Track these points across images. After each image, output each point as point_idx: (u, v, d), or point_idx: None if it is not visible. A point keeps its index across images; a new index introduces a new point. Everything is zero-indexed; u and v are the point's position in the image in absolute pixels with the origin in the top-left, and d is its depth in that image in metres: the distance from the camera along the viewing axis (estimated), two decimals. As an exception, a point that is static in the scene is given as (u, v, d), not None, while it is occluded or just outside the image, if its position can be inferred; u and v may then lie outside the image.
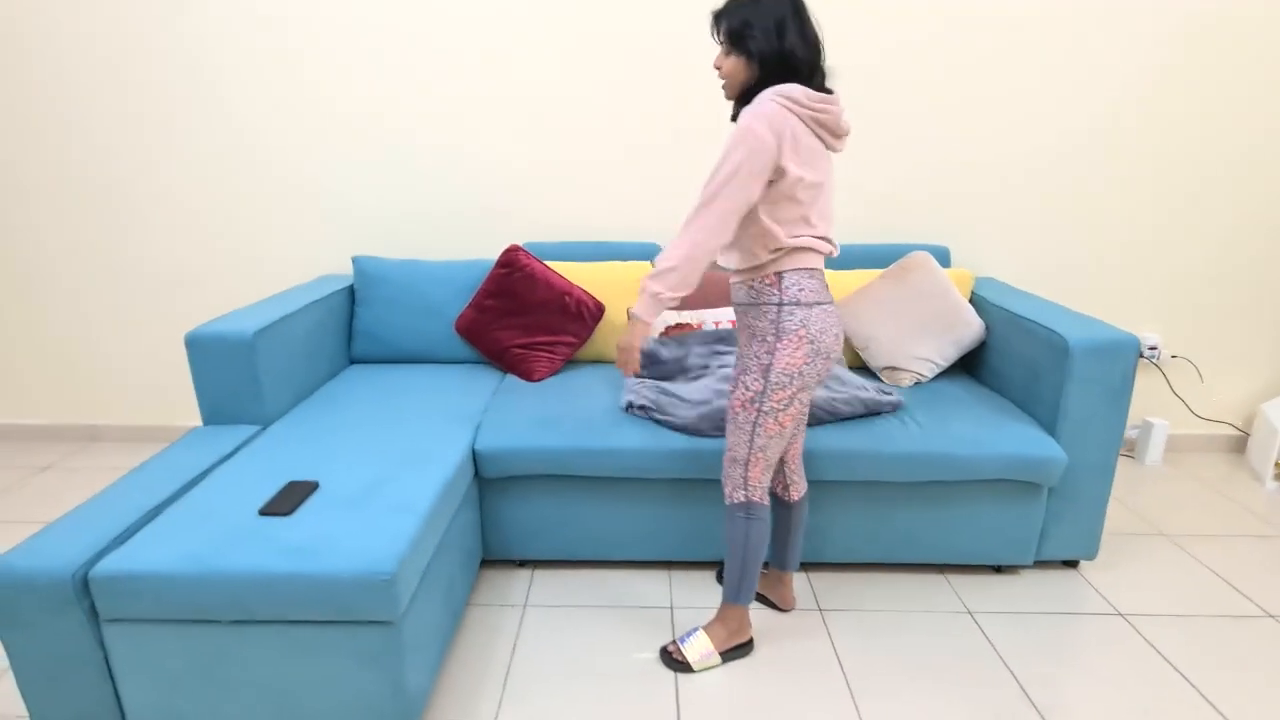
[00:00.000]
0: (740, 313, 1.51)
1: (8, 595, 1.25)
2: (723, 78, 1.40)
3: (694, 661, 1.61)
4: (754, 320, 1.46)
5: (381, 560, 1.26)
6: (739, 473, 1.52)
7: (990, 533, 1.90)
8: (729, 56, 1.37)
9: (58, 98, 2.45)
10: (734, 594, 1.61)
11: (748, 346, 1.48)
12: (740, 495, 1.53)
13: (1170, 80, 2.39)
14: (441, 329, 2.33)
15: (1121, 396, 1.81)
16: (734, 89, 1.40)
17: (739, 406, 1.48)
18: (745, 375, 1.47)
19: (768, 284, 1.43)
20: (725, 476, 1.55)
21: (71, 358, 2.73)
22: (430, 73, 2.42)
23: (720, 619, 1.64)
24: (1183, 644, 1.72)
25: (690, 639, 1.64)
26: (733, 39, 1.35)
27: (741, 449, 1.50)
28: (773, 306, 1.42)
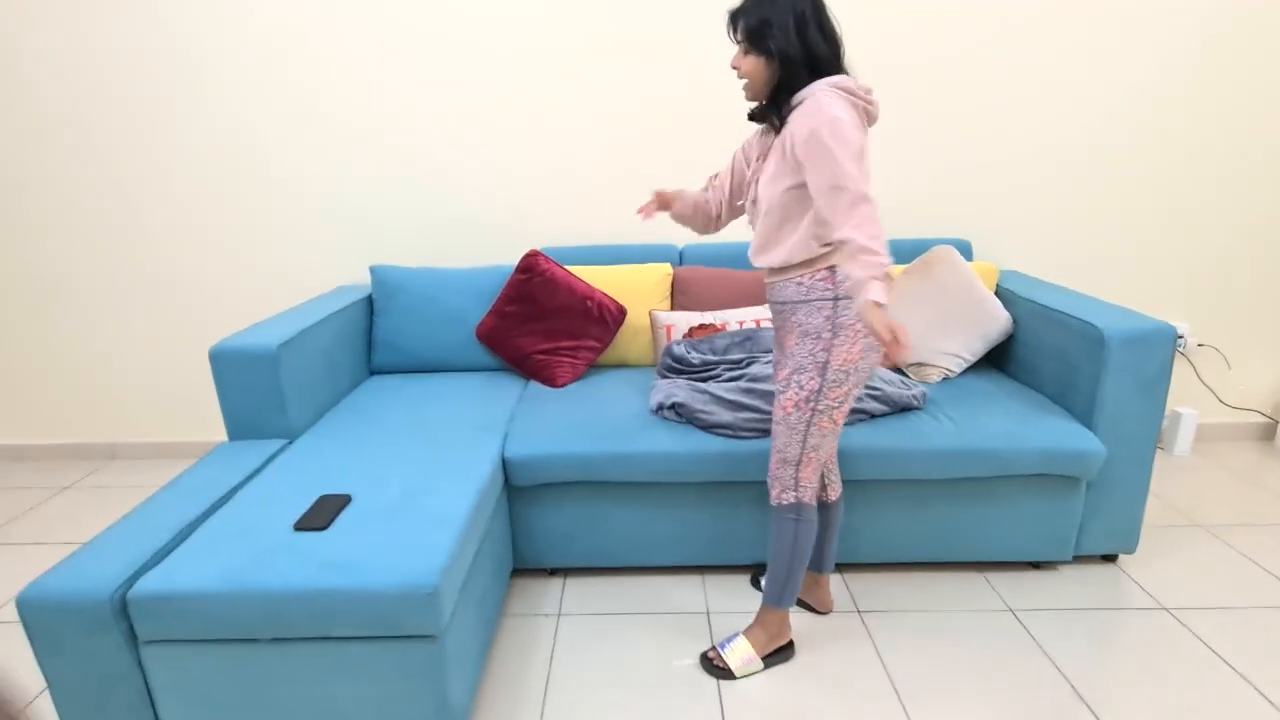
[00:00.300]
0: (784, 311, 1.47)
1: (45, 619, 1.23)
2: (742, 77, 1.38)
3: (736, 668, 1.58)
4: (805, 318, 1.42)
5: (424, 573, 1.24)
6: (790, 474, 1.49)
7: (1028, 528, 1.87)
8: (748, 56, 1.35)
9: (74, 113, 2.44)
10: (777, 598, 1.58)
11: (799, 345, 1.44)
12: (790, 497, 1.50)
13: (1191, 72, 2.37)
14: (461, 336, 2.31)
15: (1158, 386, 1.78)
16: (755, 89, 1.38)
17: (791, 406, 1.45)
18: (799, 374, 1.43)
19: (820, 279, 1.40)
20: (773, 478, 1.52)
21: (89, 376, 2.71)
22: (445, 79, 2.40)
23: (761, 623, 1.62)
24: (1231, 637, 1.69)
25: (731, 644, 1.61)
26: (751, 38, 1.33)
27: (794, 449, 1.47)
28: (827, 302, 1.39)
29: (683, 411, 1.85)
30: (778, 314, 1.51)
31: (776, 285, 1.47)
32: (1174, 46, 2.35)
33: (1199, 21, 2.32)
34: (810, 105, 1.30)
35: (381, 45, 2.37)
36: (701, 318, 2.21)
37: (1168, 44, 2.34)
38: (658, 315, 2.26)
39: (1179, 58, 2.36)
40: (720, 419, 1.81)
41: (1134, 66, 2.37)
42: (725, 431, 1.81)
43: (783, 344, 1.51)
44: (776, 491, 1.52)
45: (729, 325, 2.18)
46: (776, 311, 1.51)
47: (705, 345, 2.09)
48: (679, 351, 2.07)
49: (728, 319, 2.19)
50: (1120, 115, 2.42)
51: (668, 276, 2.32)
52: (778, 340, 1.56)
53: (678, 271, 2.34)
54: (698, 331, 2.19)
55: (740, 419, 1.80)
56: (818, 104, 1.29)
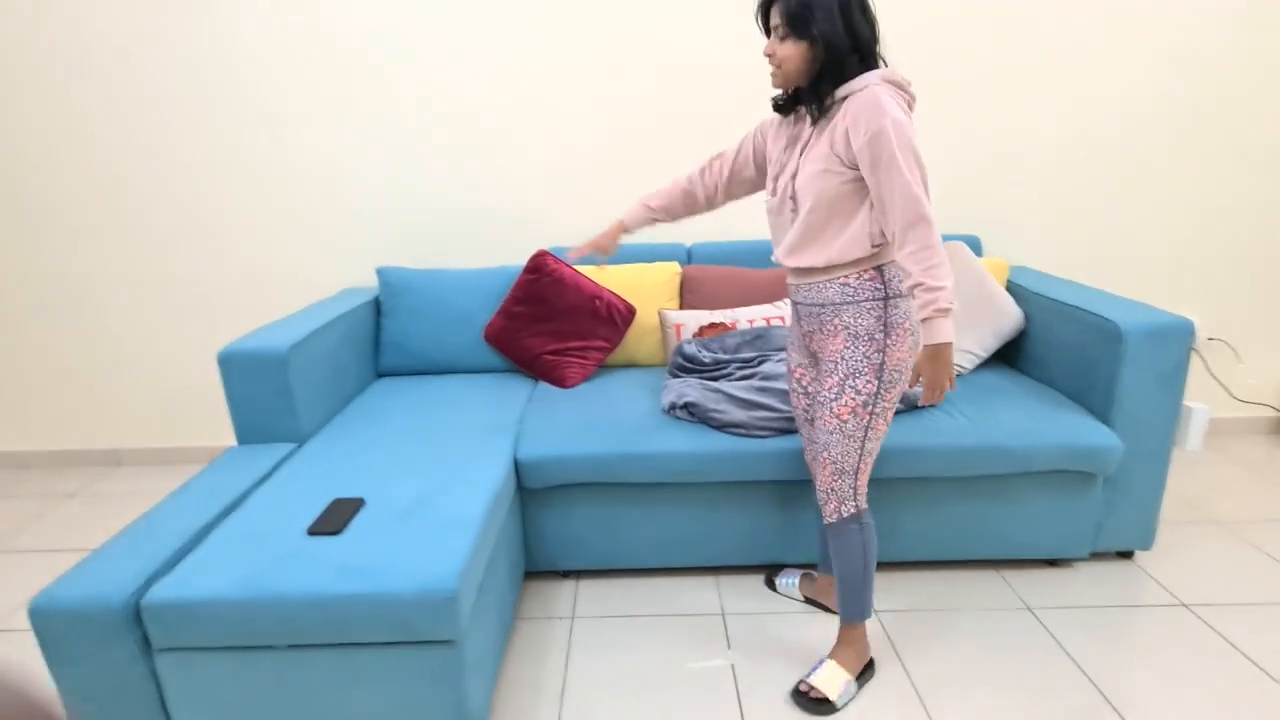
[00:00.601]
0: (822, 314, 1.39)
1: (57, 627, 1.21)
2: (775, 65, 1.31)
3: (836, 697, 1.47)
4: (853, 320, 1.36)
5: (442, 577, 1.22)
6: (848, 484, 1.43)
7: (1044, 525, 1.86)
8: (785, 41, 1.28)
9: (81, 115, 2.42)
10: (858, 612, 1.51)
11: (849, 348, 1.36)
12: (850, 507, 1.45)
13: (1200, 68, 2.35)
14: (469, 338, 2.29)
15: (1175, 381, 1.77)
16: (789, 77, 1.31)
17: (847, 414, 1.38)
18: (854, 379, 1.36)
19: (868, 279, 1.34)
20: (828, 494, 1.45)
21: (93, 381, 2.69)
22: (451, 80, 2.38)
23: (846, 642, 1.54)
24: (1253, 634, 1.67)
25: (821, 673, 1.51)
26: (792, 22, 1.25)
27: (851, 458, 1.41)
28: (877, 302, 1.34)
29: (695, 411, 1.84)
30: (812, 316, 1.42)
31: (815, 286, 1.39)
32: (1183, 43, 2.34)
33: (1209, 18, 2.31)
34: (869, 101, 1.23)
35: (391, 47, 2.35)
36: (711, 316, 2.19)
37: (1177, 40, 2.33)
38: (667, 314, 2.24)
39: (1188, 54, 2.35)
40: (734, 418, 1.79)
41: (1143, 63, 2.36)
42: (739, 431, 1.79)
43: (820, 348, 1.43)
44: (834, 506, 1.45)
45: (739, 323, 2.17)
46: (811, 314, 1.42)
47: (716, 344, 2.07)
48: (690, 350, 2.05)
49: (738, 317, 2.18)
50: (1129, 111, 2.40)
51: (676, 275, 2.31)
52: (806, 344, 1.49)
53: (686, 270, 2.32)
54: (708, 330, 2.17)
55: (754, 417, 1.78)
56: (878, 102, 1.23)
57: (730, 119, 2.37)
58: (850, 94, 1.27)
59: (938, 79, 2.37)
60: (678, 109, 2.40)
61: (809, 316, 1.43)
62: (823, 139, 1.31)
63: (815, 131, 1.34)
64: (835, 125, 1.29)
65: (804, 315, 1.44)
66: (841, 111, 1.28)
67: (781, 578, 1.86)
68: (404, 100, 2.40)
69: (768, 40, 1.33)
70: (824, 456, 1.43)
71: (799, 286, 1.43)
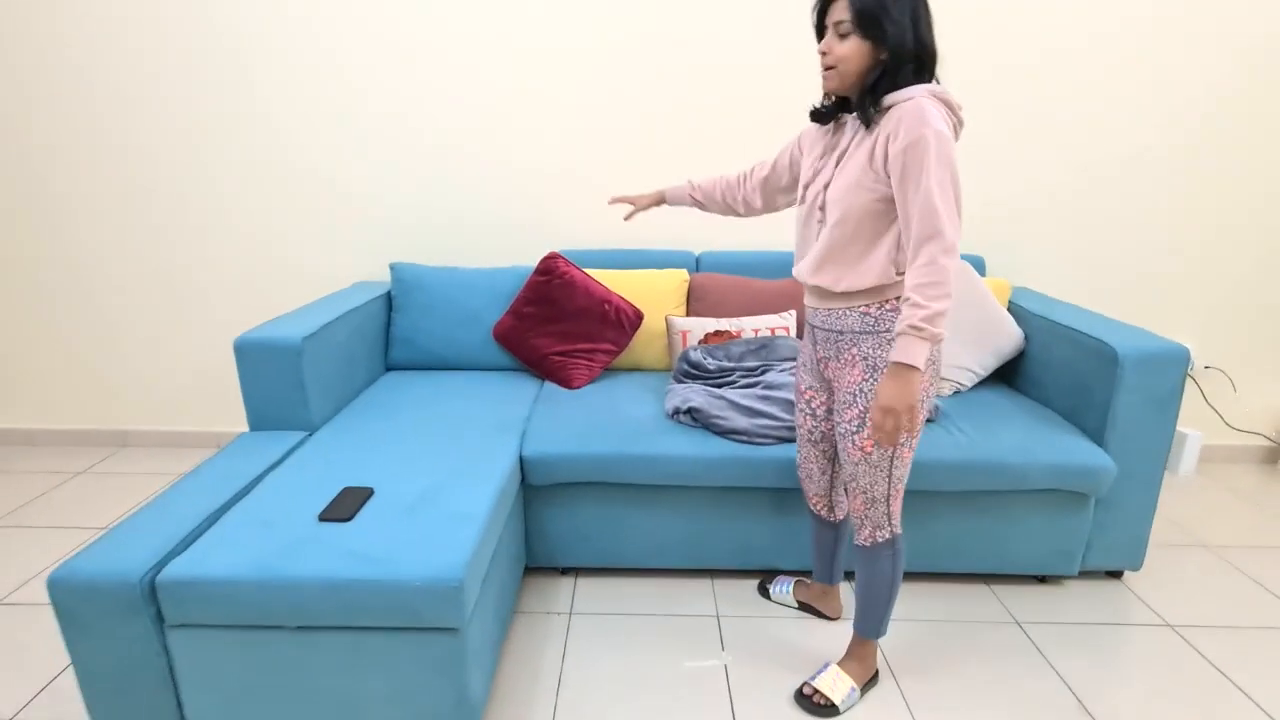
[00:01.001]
0: (842, 342, 1.37)
1: (75, 600, 1.25)
2: (832, 64, 1.25)
3: (840, 702, 1.50)
4: (872, 350, 1.33)
5: (449, 567, 1.26)
6: (880, 511, 1.43)
7: (1036, 543, 1.89)
8: (847, 39, 1.22)
9: (99, 107, 2.46)
10: (874, 629, 1.53)
11: (866, 379, 1.34)
12: (885, 534, 1.45)
13: (1204, 102, 2.40)
14: (479, 336, 2.33)
15: (1169, 407, 1.81)
16: (846, 79, 1.25)
17: (871, 446, 1.36)
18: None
19: (889, 309, 1.32)
20: (862, 520, 1.45)
21: (103, 363, 2.73)
22: (467, 81, 2.43)
23: (855, 655, 1.57)
24: (1235, 656, 1.71)
25: (826, 677, 1.54)
26: (862, 20, 1.20)
27: (880, 487, 1.40)
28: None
29: (699, 416, 1.88)
30: (830, 342, 1.40)
31: (835, 312, 1.36)
32: (1186, 76, 2.38)
33: (1214, 47, 2.36)
34: (913, 111, 1.19)
35: (406, 48, 2.40)
36: (717, 324, 2.23)
37: (1181, 74, 2.38)
38: (674, 320, 2.28)
39: (1192, 87, 2.39)
40: (736, 424, 1.83)
41: (1148, 95, 2.40)
42: (741, 437, 1.83)
43: (836, 377, 1.42)
44: (868, 532, 1.45)
45: (745, 332, 2.21)
46: (829, 340, 1.40)
47: (721, 351, 2.11)
48: (695, 357, 2.09)
49: (744, 326, 2.22)
50: (1134, 142, 2.45)
51: (685, 282, 2.35)
52: (821, 369, 1.47)
53: (694, 278, 2.36)
54: (713, 338, 2.21)
55: (756, 425, 1.82)
56: (922, 112, 1.18)
57: (750, 125, 2.42)
58: (896, 103, 1.23)
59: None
60: (697, 114, 2.45)
61: (826, 342, 1.42)
62: (862, 149, 1.28)
63: (855, 142, 1.30)
64: (878, 136, 1.25)
65: (820, 340, 1.43)
66: (885, 121, 1.24)
67: (775, 585, 1.89)
68: (422, 103, 2.45)
69: (821, 39, 1.28)
70: (853, 486, 1.43)
71: (817, 310, 1.41)
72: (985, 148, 2.46)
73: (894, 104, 1.24)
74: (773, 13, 2.32)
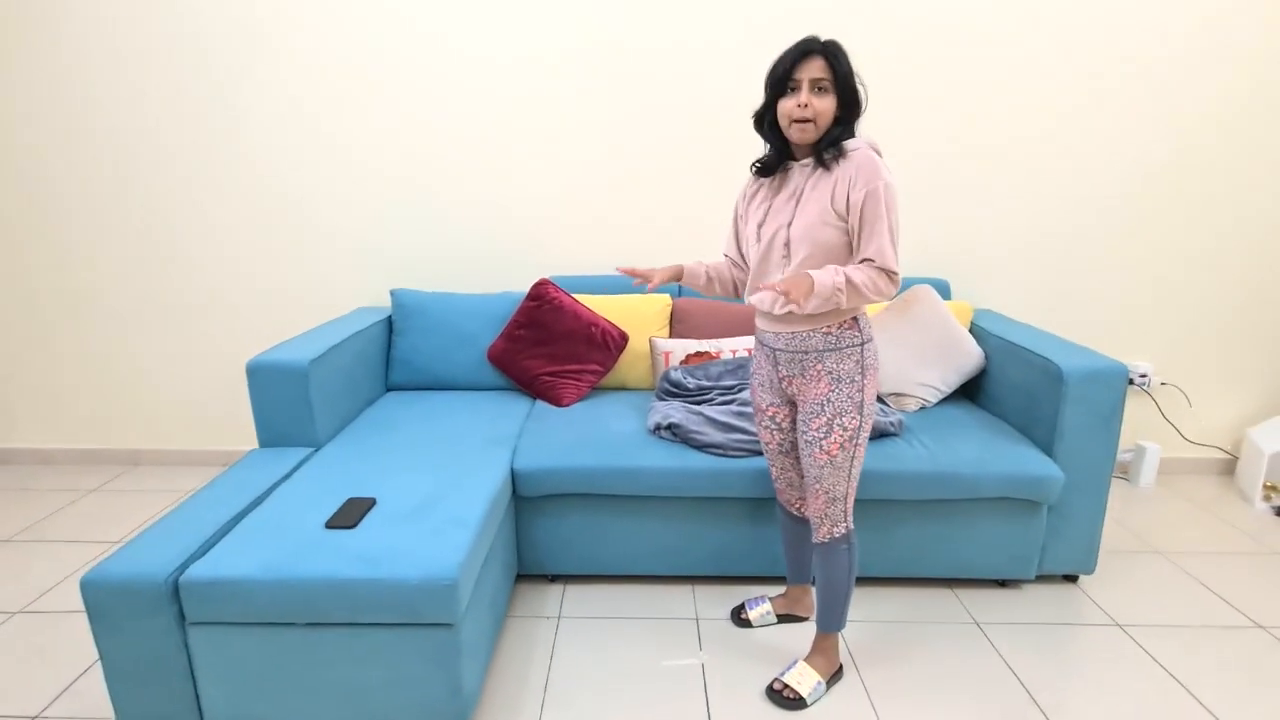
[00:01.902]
0: (806, 360, 1.52)
1: (106, 598, 1.38)
2: (811, 117, 1.41)
3: (808, 695, 1.62)
4: (835, 365, 1.50)
5: (445, 567, 1.39)
6: (839, 509, 1.58)
7: (994, 549, 2.03)
8: (825, 95, 1.41)
9: (118, 142, 2.63)
10: (836, 623, 1.67)
11: (833, 390, 1.51)
12: (841, 529, 1.60)
13: (1161, 135, 2.58)
14: (474, 358, 2.48)
15: (1112, 419, 1.96)
16: (822, 130, 1.43)
17: (837, 449, 1.52)
18: (841, 418, 1.50)
19: (847, 328, 1.50)
20: (822, 519, 1.59)
21: (115, 385, 2.87)
22: (462, 118, 2.61)
23: (821, 650, 1.70)
24: (1178, 653, 1.84)
25: (795, 673, 1.66)
26: (841, 81, 1.41)
27: (841, 486, 1.56)
28: (856, 348, 1.51)
29: (678, 432, 2.02)
30: (794, 362, 1.54)
31: (799, 335, 1.51)
32: (1146, 106, 2.56)
33: (1176, 85, 2.53)
34: (868, 162, 1.41)
35: (405, 87, 2.58)
36: (698, 345, 2.38)
37: (1140, 101, 2.56)
38: (657, 342, 2.43)
39: (1152, 118, 2.57)
40: (712, 439, 1.97)
41: (1105, 121, 2.58)
42: (717, 451, 1.97)
43: (801, 392, 1.55)
44: (827, 529, 1.59)
45: (723, 353, 2.36)
46: (794, 360, 1.54)
47: (701, 371, 2.26)
48: (676, 376, 2.24)
49: (722, 347, 2.37)
50: (1095, 170, 2.62)
51: (667, 306, 2.50)
52: (784, 387, 1.60)
53: (677, 302, 2.52)
54: (694, 358, 2.36)
55: (731, 439, 1.97)
56: (875, 164, 1.41)
57: (725, 150, 2.57)
58: (848, 153, 1.44)
59: (914, 130, 2.59)
60: (674, 144, 2.61)
61: (790, 362, 1.55)
62: (819, 191, 1.45)
63: (810, 184, 1.47)
64: (836, 179, 1.43)
65: (783, 361, 1.57)
66: (841, 167, 1.43)
67: (752, 609, 1.93)
68: (416, 140, 2.62)
69: (779, 94, 1.45)
70: (817, 489, 1.57)
71: (779, 334, 1.54)
72: (951, 177, 2.64)
73: (847, 152, 1.44)
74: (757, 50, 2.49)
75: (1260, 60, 2.52)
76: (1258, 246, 2.69)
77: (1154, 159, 2.61)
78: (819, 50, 1.42)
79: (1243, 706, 1.66)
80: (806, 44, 1.43)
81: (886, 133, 2.55)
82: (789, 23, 2.47)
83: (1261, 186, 2.63)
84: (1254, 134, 2.58)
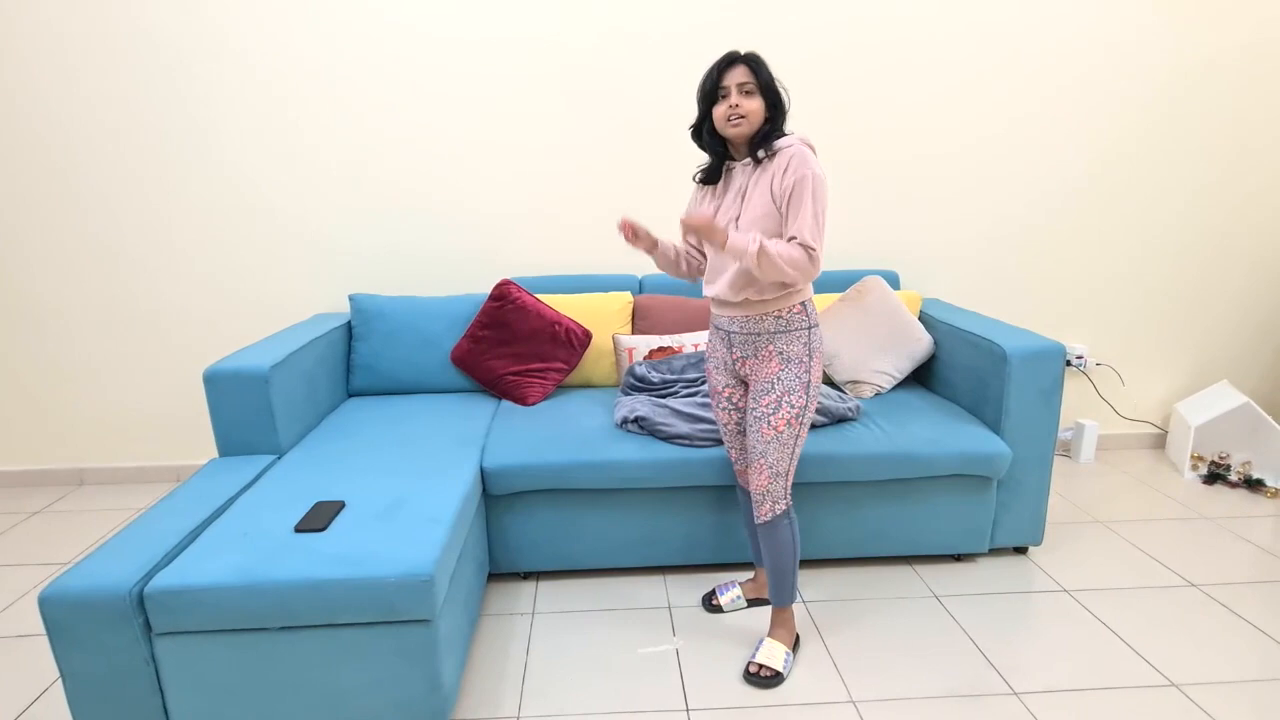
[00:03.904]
0: (759, 342, 1.62)
1: (66, 614, 1.33)
2: (744, 115, 1.53)
3: (782, 668, 1.69)
4: (785, 346, 1.61)
5: (421, 563, 1.40)
6: (781, 485, 1.65)
7: (949, 525, 2.12)
8: (752, 97, 1.53)
9: (54, 142, 2.54)
10: (789, 596, 1.75)
11: (782, 370, 1.61)
12: (783, 505, 1.67)
13: (1097, 130, 2.74)
14: (437, 360, 2.47)
15: (1053, 396, 2.07)
16: (753, 127, 1.55)
17: (783, 425, 1.61)
18: (789, 396, 1.60)
19: (795, 312, 1.60)
20: (764, 496, 1.65)
21: (57, 402, 2.76)
22: (422, 123, 2.60)
23: (781, 623, 1.77)
24: (1118, 612, 1.96)
25: (764, 651, 1.72)
26: (764, 85, 1.54)
27: (784, 462, 1.63)
28: (804, 331, 1.61)
29: (645, 424, 2.05)
30: (748, 344, 1.64)
31: (752, 318, 1.62)
32: (1084, 103, 2.72)
33: (1106, 77, 2.70)
34: (798, 154, 1.52)
35: (363, 92, 2.56)
36: (661, 341, 2.43)
37: (1079, 103, 2.72)
38: (620, 339, 2.47)
39: (1092, 114, 2.73)
40: (678, 430, 2.02)
41: (1047, 125, 2.73)
42: (683, 441, 2.01)
43: (753, 372, 1.65)
44: (769, 506, 1.66)
45: (685, 348, 2.41)
46: (747, 342, 1.64)
47: (664, 365, 2.30)
48: (641, 371, 2.28)
49: (684, 342, 2.42)
50: (1034, 167, 2.77)
51: (629, 304, 2.54)
52: (737, 369, 1.69)
53: (638, 299, 2.56)
54: (657, 354, 2.40)
55: (696, 430, 2.01)
56: (805, 156, 1.52)
57: (677, 158, 2.63)
58: (782, 148, 1.55)
59: (865, 131, 2.69)
60: (630, 151, 2.66)
61: (743, 344, 1.65)
62: (761, 186, 1.56)
63: (752, 181, 1.58)
64: (773, 173, 1.54)
65: (737, 343, 1.67)
66: (775, 161, 1.55)
67: (722, 595, 1.98)
68: (379, 142, 2.60)
69: (710, 105, 1.57)
70: (761, 463, 1.64)
71: (734, 319, 1.65)
72: (900, 175, 2.75)
73: (781, 148, 1.55)
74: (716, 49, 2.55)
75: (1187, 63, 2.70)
76: (1184, 238, 2.88)
77: (1090, 159, 2.78)
78: (740, 60, 1.55)
79: (1179, 657, 1.78)
80: (729, 56, 1.56)
81: (840, 133, 2.68)
82: (746, 21, 2.55)
83: (1186, 184, 2.82)
84: (1182, 136, 2.77)
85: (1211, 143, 2.79)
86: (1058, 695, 1.65)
